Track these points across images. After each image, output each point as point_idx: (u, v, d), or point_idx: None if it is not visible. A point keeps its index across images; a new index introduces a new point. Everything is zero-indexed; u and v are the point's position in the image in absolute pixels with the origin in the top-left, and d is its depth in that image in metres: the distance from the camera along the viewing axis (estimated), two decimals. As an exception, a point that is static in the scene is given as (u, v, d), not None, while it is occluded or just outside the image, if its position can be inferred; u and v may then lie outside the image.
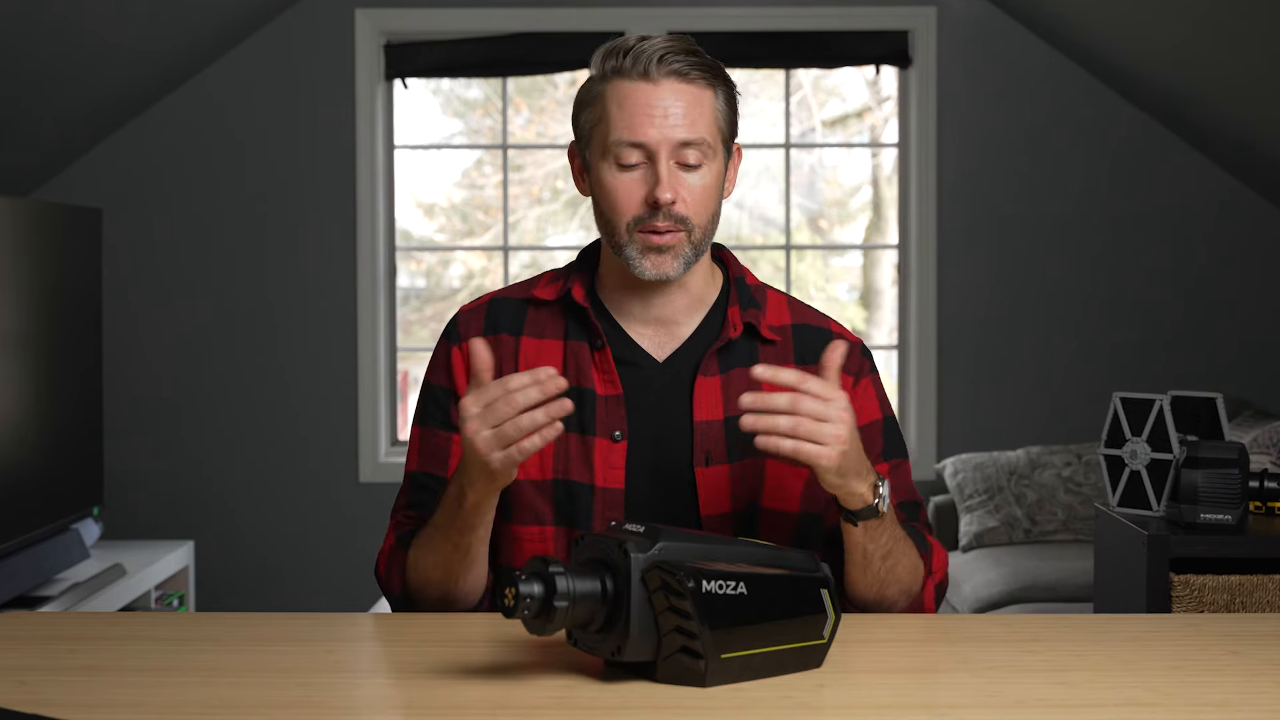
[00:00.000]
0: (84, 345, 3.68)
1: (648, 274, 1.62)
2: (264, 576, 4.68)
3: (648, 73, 1.59)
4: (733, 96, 1.66)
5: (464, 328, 1.72)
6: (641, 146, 1.59)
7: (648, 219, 1.60)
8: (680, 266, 1.62)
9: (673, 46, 1.60)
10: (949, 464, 4.44)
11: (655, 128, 1.58)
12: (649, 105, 1.59)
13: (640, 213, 1.60)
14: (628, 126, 1.59)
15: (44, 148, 4.37)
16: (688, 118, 1.59)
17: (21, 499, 3.26)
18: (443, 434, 1.70)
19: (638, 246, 1.61)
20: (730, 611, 1.24)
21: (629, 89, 1.60)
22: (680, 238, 1.61)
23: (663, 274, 1.62)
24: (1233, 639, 1.45)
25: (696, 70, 1.60)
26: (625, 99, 1.60)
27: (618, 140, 1.60)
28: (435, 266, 4.99)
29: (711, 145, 1.61)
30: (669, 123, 1.58)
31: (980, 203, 4.68)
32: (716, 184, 1.64)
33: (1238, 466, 2.21)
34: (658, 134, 1.58)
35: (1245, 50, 3.78)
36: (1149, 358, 4.68)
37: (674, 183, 1.59)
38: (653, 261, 1.61)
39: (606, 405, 1.65)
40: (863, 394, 1.72)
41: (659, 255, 1.61)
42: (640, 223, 1.60)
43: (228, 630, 1.51)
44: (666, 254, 1.61)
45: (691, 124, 1.59)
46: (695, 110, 1.60)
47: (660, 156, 1.59)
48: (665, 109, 1.58)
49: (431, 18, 4.63)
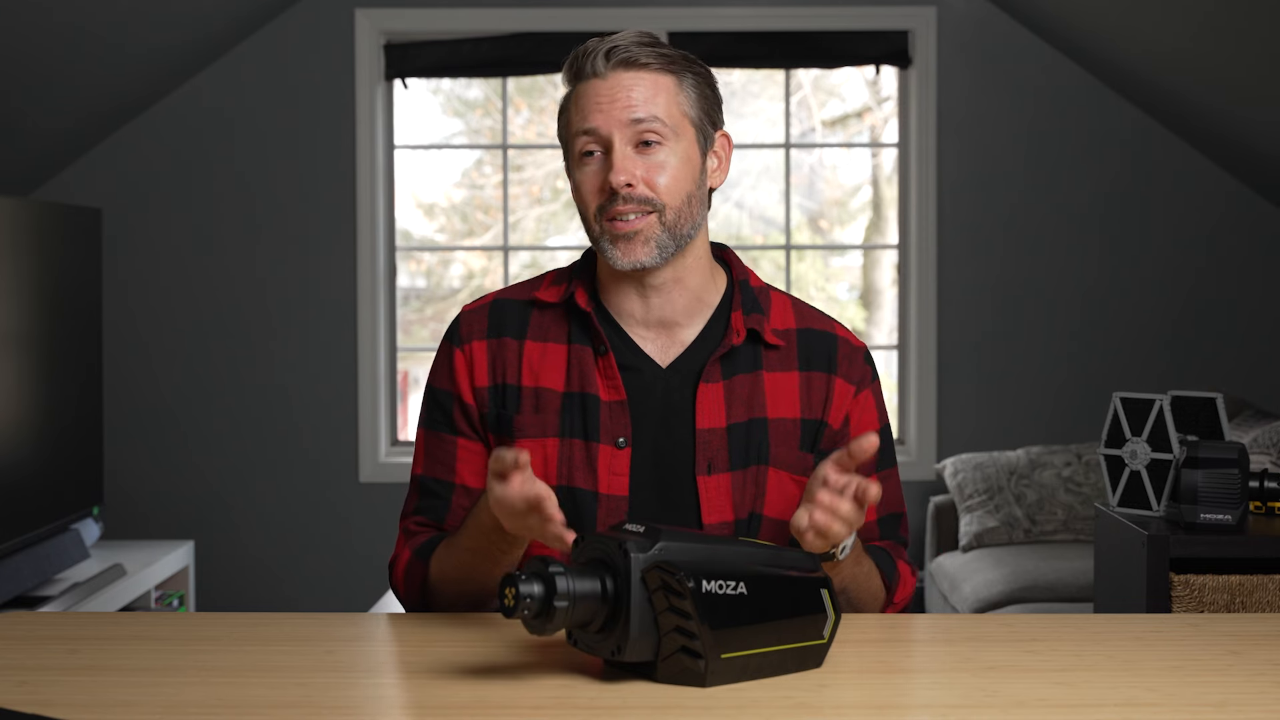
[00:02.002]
0: (84, 345, 3.68)
1: (620, 263, 1.61)
2: (264, 576, 4.68)
3: (597, 69, 1.61)
4: (705, 85, 1.66)
5: (466, 330, 1.71)
6: (593, 133, 1.60)
7: (609, 205, 1.60)
8: (654, 252, 1.61)
9: (625, 40, 1.62)
10: (949, 464, 4.44)
11: (604, 113, 1.60)
12: (598, 95, 1.61)
13: (602, 200, 1.61)
14: (581, 118, 1.62)
15: (44, 148, 4.37)
16: (639, 99, 1.60)
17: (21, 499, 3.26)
18: (448, 438, 1.70)
19: (607, 236, 1.62)
20: (730, 611, 1.24)
21: (584, 88, 1.63)
22: (649, 221, 1.60)
23: (635, 261, 1.61)
24: (1233, 639, 1.45)
25: (650, 57, 1.62)
26: (580, 97, 1.63)
27: (575, 131, 1.62)
28: (435, 267, 4.99)
29: (670, 126, 1.61)
30: (617, 106, 1.60)
31: (980, 203, 4.68)
32: (683, 166, 1.63)
33: (1238, 466, 2.21)
34: (607, 118, 1.60)
35: (1245, 50, 3.78)
36: (1149, 358, 4.68)
37: (629, 166, 1.59)
38: (623, 249, 1.61)
39: (610, 411, 1.64)
40: (863, 405, 1.71)
41: (628, 242, 1.61)
42: (605, 211, 1.61)
43: (228, 630, 1.51)
44: (635, 240, 1.60)
45: (644, 104, 1.60)
46: (648, 93, 1.61)
47: (615, 142, 1.60)
48: (613, 95, 1.60)
49: (431, 18, 4.63)
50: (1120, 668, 1.34)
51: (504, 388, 1.67)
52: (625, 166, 1.59)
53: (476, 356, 1.69)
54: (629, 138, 1.60)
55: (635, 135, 1.60)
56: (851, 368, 1.70)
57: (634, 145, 1.60)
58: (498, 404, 1.67)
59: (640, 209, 1.60)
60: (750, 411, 1.65)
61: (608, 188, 1.60)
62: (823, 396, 1.69)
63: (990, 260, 4.68)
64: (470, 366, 1.69)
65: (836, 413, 1.69)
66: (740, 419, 1.65)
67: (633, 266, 1.62)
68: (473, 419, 1.69)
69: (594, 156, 1.62)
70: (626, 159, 1.60)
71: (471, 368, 1.69)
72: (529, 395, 1.66)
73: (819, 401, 1.68)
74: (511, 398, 1.67)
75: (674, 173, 1.61)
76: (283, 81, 4.63)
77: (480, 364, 1.69)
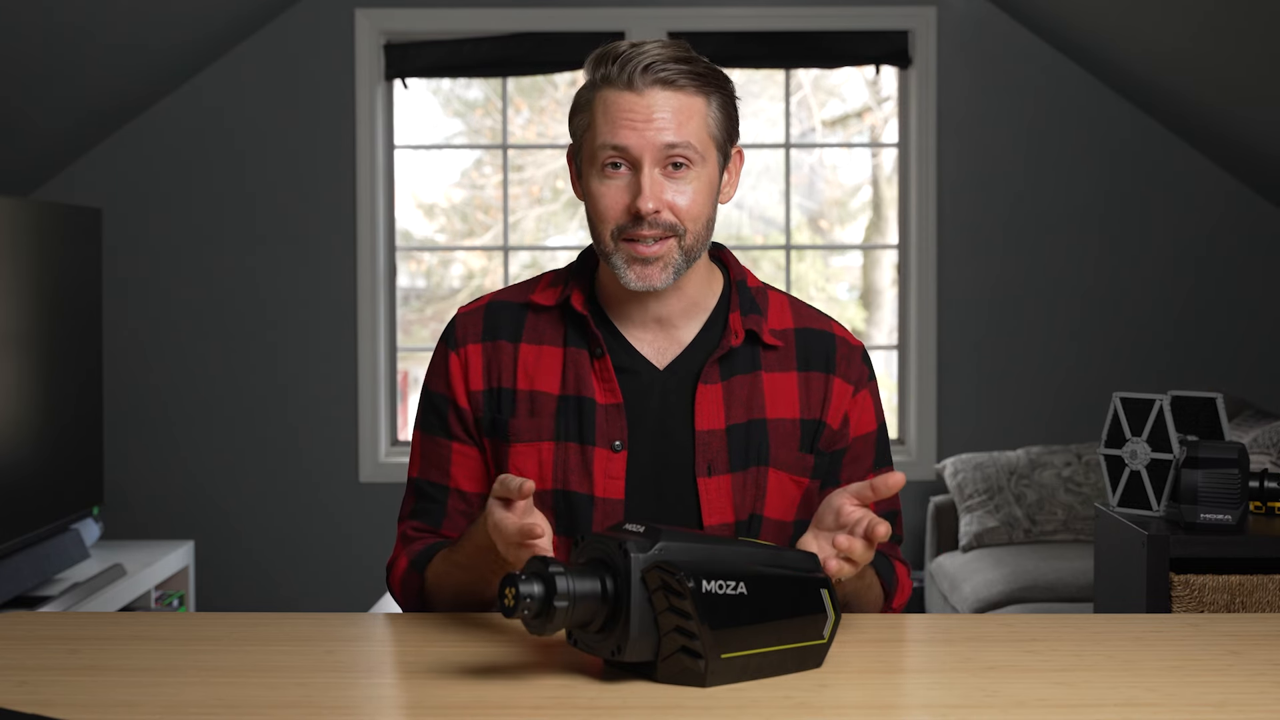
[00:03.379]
0: (84, 345, 3.68)
1: (633, 284, 1.60)
2: (264, 576, 4.68)
3: (632, 82, 1.57)
4: (730, 103, 1.64)
5: (462, 333, 1.70)
6: (624, 150, 1.57)
7: (631, 228, 1.58)
8: (669, 276, 1.60)
9: (661, 55, 1.58)
10: (949, 464, 4.44)
11: (638, 132, 1.56)
12: (632, 111, 1.57)
13: (623, 221, 1.58)
14: (611, 131, 1.57)
15: (44, 148, 4.37)
16: (673, 123, 1.57)
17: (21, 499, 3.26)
18: (443, 442, 1.70)
19: (623, 256, 1.59)
20: (730, 611, 1.24)
21: (614, 97, 1.58)
22: (669, 246, 1.59)
23: (649, 285, 1.60)
24: (1233, 639, 1.45)
25: (685, 78, 1.58)
26: (610, 106, 1.58)
27: (602, 144, 1.58)
28: (435, 267, 4.99)
29: (700, 151, 1.59)
30: (652, 127, 1.56)
31: (980, 203, 4.68)
32: (708, 190, 1.61)
33: (1238, 466, 2.21)
34: (640, 139, 1.56)
35: (1245, 50, 3.78)
36: (1149, 358, 4.68)
37: (658, 191, 1.57)
38: (638, 272, 1.59)
39: (607, 414, 1.64)
40: (861, 405, 1.71)
41: (644, 266, 1.59)
42: (624, 231, 1.59)
43: (228, 630, 1.51)
44: (654, 265, 1.59)
45: (678, 128, 1.57)
46: (682, 116, 1.57)
47: (644, 164, 1.57)
48: (649, 115, 1.56)
49: (431, 18, 4.63)
50: (1120, 668, 1.34)
51: (499, 391, 1.67)
52: (655, 193, 1.56)
53: (471, 360, 1.68)
54: (658, 160, 1.57)
55: (665, 159, 1.58)
56: (849, 367, 1.70)
57: (662, 167, 1.58)
58: (492, 408, 1.67)
59: (662, 233, 1.58)
60: (749, 412, 1.65)
61: (633, 210, 1.57)
62: (821, 396, 1.68)
63: (990, 260, 4.68)
64: (465, 370, 1.68)
65: (835, 412, 1.69)
66: (739, 420, 1.65)
67: (645, 289, 1.61)
68: (468, 423, 1.68)
69: (619, 171, 1.59)
70: (655, 184, 1.57)
71: (466, 371, 1.68)
72: (524, 399, 1.66)
73: (818, 401, 1.68)
74: (506, 401, 1.66)
75: (697, 197, 1.60)
76: (283, 81, 4.63)
77: (475, 367, 1.68)
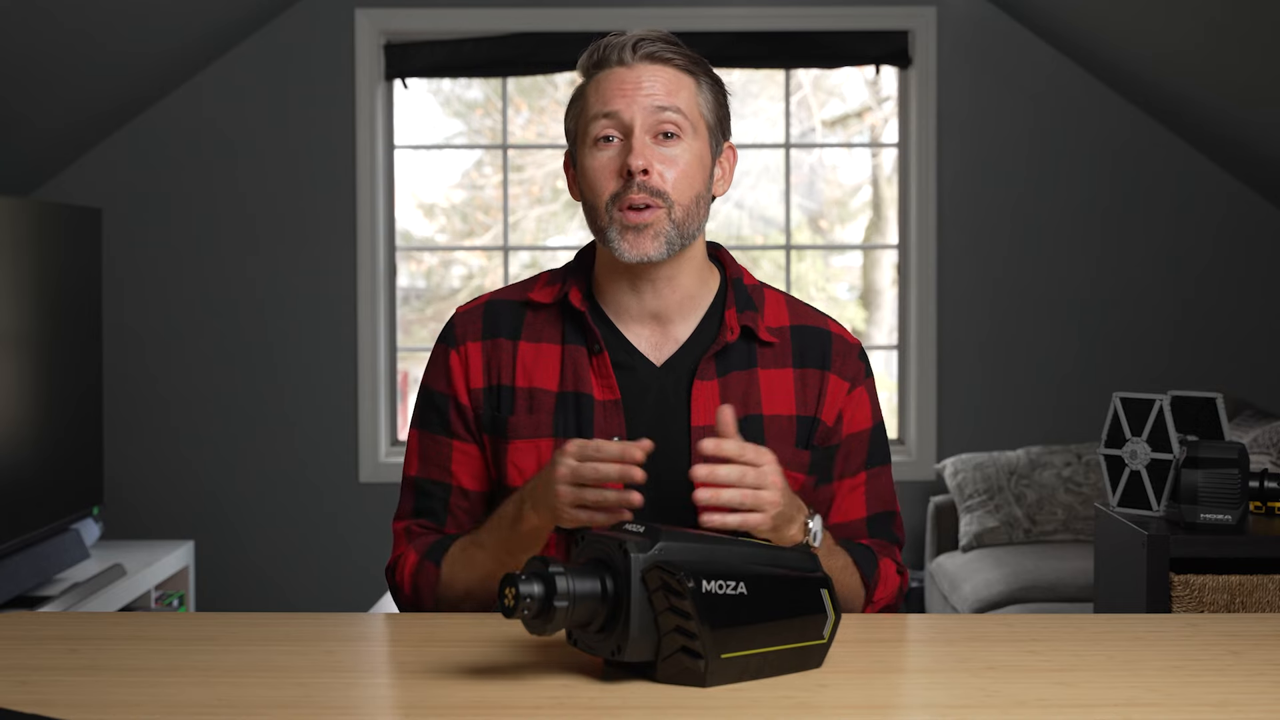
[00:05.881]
0: (84, 345, 3.68)
1: (627, 255, 1.61)
2: (264, 576, 4.67)
3: (623, 59, 1.63)
4: (719, 93, 1.68)
5: (461, 331, 1.71)
6: (615, 116, 1.61)
7: (624, 193, 1.60)
8: (661, 247, 1.61)
9: (651, 35, 1.64)
10: (949, 464, 4.44)
11: (628, 98, 1.61)
12: (623, 83, 1.62)
13: (616, 188, 1.61)
14: (601, 101, 1.62)
15: (44, 148, 4.37)
16: (663, 90, 1.61)
17: (21, 499, 3.26)
18: (443, 440, 1.70)
19: (617, 227, 1.61)
20: (730, 611, 1.24)
21: (605, 75, 1.64)
22: (659, 215, 1.60)
23: (643, 255, 1.61)
24: (1233, 639, 1.45)
25: (675, 55, 1.64)
26: (601, 83, 1.64)
27: (594, 115, 1.62)
28: (435, 267, 4.99)
29: (690, 122, 1.62)
30: (641, 92, 1.61)
31: (980, 203, 4.68)
32: (698, 165, 1.63)
33: (1238, 466, 2.21)
34: (630, 103, 1.60)
35: (1246, 51, 3.78)
36: (1149, 358, 4.68)
37: (648, 154, 1.60)
38: (630, 241, 1.61)
39: (605, 410, 1.64)
40: (857, 401, 1.72)
41: (637, 234, 1.60)
42: (618, 199, 1.61)
43: (228, 630, 1.51)
44: (645, 233, 1.60)
45: (667, 95, 1.61)
46: (672, 86, 1.62)
47: (635, 128, 1.60)
48: (638, 83, 1.62)
49: (431, 18, 4.63)
50: (1120, 668, 1.34)
51: (499, 389, 1.68)
52: (644, 153, 1.60)
53: (471, 358, 1.69)
54: (649, 126, 1.61)
55: (656, 125, 1.61)
56: (846, 364, 1.71)
57: (653, 135, 1.61)
58: (492, 405, 1.68)
59: (652, 199, 1.60)
60: (745, 409, 1.65)
61: (625, 171, 1.60)
62: (816, 393, 1.69)
63: (990, 260, 4.68)
64: (466, 368, 1.69)
65: (830, 409, 1.69)
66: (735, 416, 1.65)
67: (639, 259, 1.61)
68: (468, 421, 1.69)
69: (611, 143, 1.62)
70: (645, 146, 1.60)
71: (467, 369, 1.69)
72: (523, 396, 1.66)
73: (813, 398, 1.69)
74: (506, 398, 1.67)
75: (687, 169, 1.62)
76: (283, 81, 4.63)
77: (475, 365, 1.69)
